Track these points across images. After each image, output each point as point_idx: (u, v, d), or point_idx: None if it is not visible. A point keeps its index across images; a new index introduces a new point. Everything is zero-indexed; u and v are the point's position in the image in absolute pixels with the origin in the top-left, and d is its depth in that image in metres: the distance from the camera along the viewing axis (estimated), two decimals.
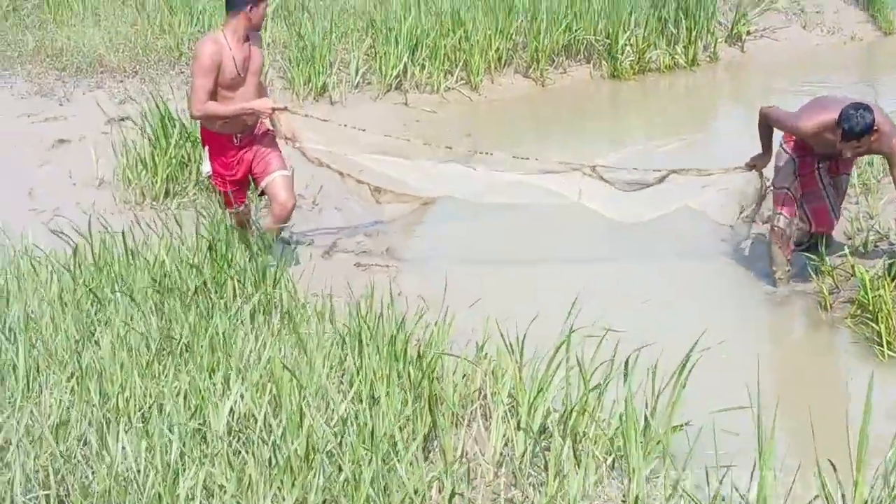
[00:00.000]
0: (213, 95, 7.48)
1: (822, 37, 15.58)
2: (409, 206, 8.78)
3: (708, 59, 14.55)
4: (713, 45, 14.60)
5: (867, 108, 7.05)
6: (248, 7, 7.49)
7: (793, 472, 4.57)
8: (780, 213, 7.69)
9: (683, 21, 14.22)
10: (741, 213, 8.22)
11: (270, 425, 4.80)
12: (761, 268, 8.01)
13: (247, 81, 7.67)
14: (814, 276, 7.68)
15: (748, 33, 15.02)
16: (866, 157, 8.61)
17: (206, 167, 7.88)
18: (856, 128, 6.97)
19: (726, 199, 8.10)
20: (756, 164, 7.99)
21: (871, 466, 4.52)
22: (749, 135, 11.35)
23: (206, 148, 7.86)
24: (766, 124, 7.79)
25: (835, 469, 4.57)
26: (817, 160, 7.65)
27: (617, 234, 8.30)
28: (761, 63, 14.76)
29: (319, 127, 8.23)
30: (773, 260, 7.79)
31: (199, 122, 7.92)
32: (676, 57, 14.20)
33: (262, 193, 7.99)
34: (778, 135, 7.81)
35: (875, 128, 7.00)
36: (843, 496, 4.53)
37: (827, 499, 4.57)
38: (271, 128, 7.93)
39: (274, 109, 7.82)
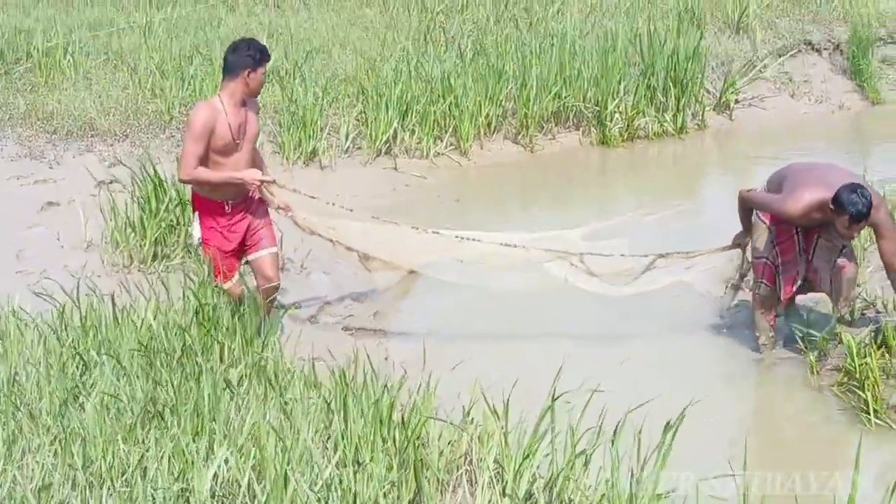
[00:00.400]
0: (205, 160, 7.30)
1: (809, 105, 15.64)
2: (397, 274, 8.72)
3: (696, 126, 14.57)
4: (701, 112, 14.63)
5: (861, 186, 7.04)
6: (247, 72, 7.35)
7: None
8: (762, 282, 7.71)
9: (672, 89, 14.23)
10: (726, 285, 8.25)
11: (254, 490, 4.78)
12: (747, 335, 8.02)
13: (241, 148, 7.46)
14: (801, 343, 7.68)
15: (736, 101, 15.04)
16: None
17: (196, 233, 7.65)
18: (864, 210, 6.95)
19: (711, 274, 8.14)
20: (739, 243, 8.00)
21: None
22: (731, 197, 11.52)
23: (196, 214, 7.65)
24: (746, 209, 7.83)
25: None
26: (795, 227, 7.62)
27: (603, 302, 8.26)
28: (749, 131, 14.82)
29: (307, 203, 8.10)
30: (757, 326, 7.83)
31: (189, 185, 7.79)
32: (665, 124, 14.21)
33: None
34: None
35: None
36: None
37: None
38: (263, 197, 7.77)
39: (262, 182, 7.58)
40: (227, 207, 7.56)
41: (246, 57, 7.36)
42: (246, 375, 6.21)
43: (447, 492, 5.18)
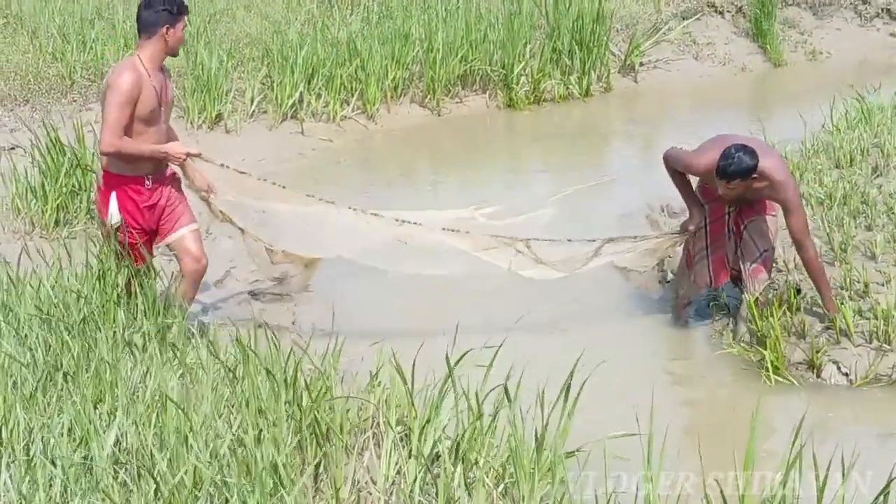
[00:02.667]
0: (127, 130, 6.68)
1: (713, 67, 15.78)
2: (296, 267, 8.16)
3: (602, 89, 14.65)
4: (606, 75, 14.70)
5: (751, 151, 6.96)
6: (166, 28, 6.73)
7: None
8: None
9: (577, 52, 14.29)
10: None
11: (155, 457, 4.73)
12: (660, 304, 8.09)
13: (163, 116, 6.95)
14: (710, 309, 7.79)
15: (641, 64, 15.14)
16: None
17: (116, 216, 6.89)
18: (728, 168, 6.92)
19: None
20: (689, 228, 7.70)
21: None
22: (643, 166, 11.59)
23: (113, 194, 6.89)
24: (674, 170, 7.63)
25: (721, 491, 4.62)
26: (726, 206, 7.58)
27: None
28: (654, 93, 14.93)
29: (231, 178, 7.47)
30: (680, 294, 7.87)
31: (101, 162, 7.00)
32: (571, 87, 14.27)
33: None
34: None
35: (756, 174, 6.95)
36: None
37: None
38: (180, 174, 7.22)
39: (188, 155, 7.02)
40: (147, 183, 6.92)
41: (163, 11, 6.72)
42: (149, 340, 6.12)
43: (353, 455, 5.16)
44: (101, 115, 6.85)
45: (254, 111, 12.29)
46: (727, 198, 7.29)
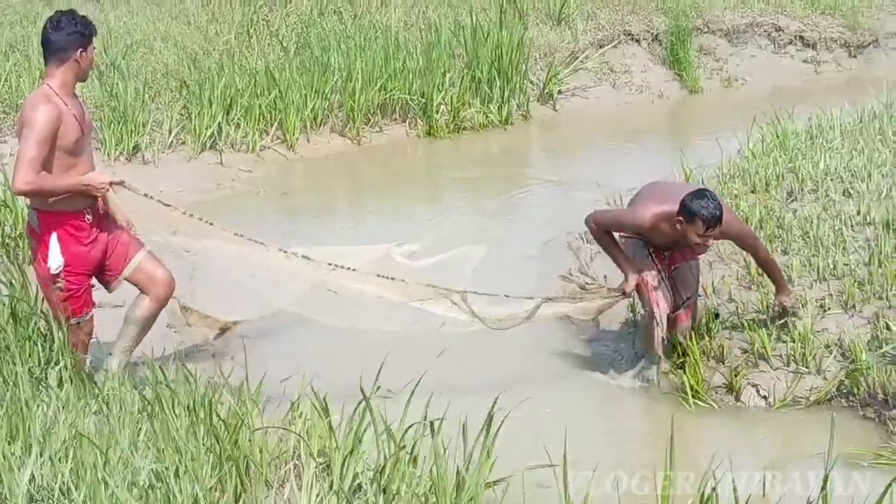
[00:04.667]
0: (48, 165, 6.17)
1: (630, 95, 15.93)
2: (211, 330, 7.72)
3: (521, 117, 14.73)
4: (526, 103, 14.79)
5: (709, 192, 6.86)
6: (79, 51, 6.27)
7: None
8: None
9: (497, 80, 14.36)
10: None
11: (72, 494, 4.67)
12: (584, 340, 8.13)
13: (87, 144, 6.44)
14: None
15: (559, 92, 15.24)
16: None
17: (57, 260, 6.32)
18: (717, 211, 6.62)
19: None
20: (625, 290, 7.37)
21: None
22: (561, 193, 11.65)
23: (54, 235, 6.32)
24: (604, 232, 7.29)
25: None
26: (663, 253, 7.37)
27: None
28: (573, 120, 15.03)
29: (154, 210, 6.81)
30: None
31: (33, 203, 6.45)
32: (490, 115, 14.34)
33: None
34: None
35: None
36: None
37: None
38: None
39: (111, 183, 6.41)
40: (87, 217, 6.41)
41: (74, 34, 6.24)
42: (66, 378, 6.03)
43: (273, 488, 5.13)
44: (17, 152, 6.27)
45: (172, 142, 12.18)
46: (699, 250, 7.03)
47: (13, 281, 7.22)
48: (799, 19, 17.66)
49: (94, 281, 6.69)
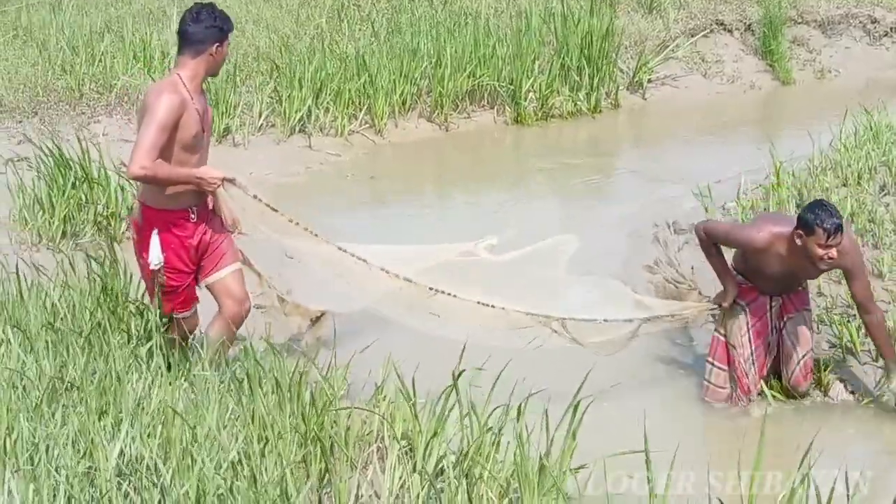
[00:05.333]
0: (167, 158, 6.03)
1: (721, 85, 15.74)
2: (304, 320, 7.68)
3: (610, 105, 14.59)
4: (615, 92, 14.66)
5: (827, 202, 6.72)
6: (215, 46, 6.14)
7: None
8: (713, 363, 7.22)
9: (586, 68, 14.25)
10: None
11: (159, 469, 4.74)
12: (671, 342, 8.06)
13: (205, 143, 6.32)
14: None
15: (649, 81, 15.09)
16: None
17: (157, 257, 6.19)
18: (838, 220, 6.41)
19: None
20: (721, 303, 7.16)
21: None
22: (649, 183, 11.58)
23: (155, 232, 6.20)
24: (712, 244, 7.10)
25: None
26: (769, 300, 7.11)
27: None
28: (662, 110, 14.90)
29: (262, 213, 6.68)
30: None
31: (140, 197, 6.35)
32: (579, 103, 14.22)
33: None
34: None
35: None
36: None
37: None
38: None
39: (224, 180, 6.29)
40: (192, 216, 6.27)
41: (213, 28, 6.12)
42: (155, 353, 6.12)
43: (357, 469, 5.17)
44: (136, 138, 6.11)
45: (262, 125, 12.26)
46: (819, 267, 6.70)
47: (105, 258, 7.30)
48: None
49: None
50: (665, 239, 9.44)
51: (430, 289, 6.90)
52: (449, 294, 6.91)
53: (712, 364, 7.18)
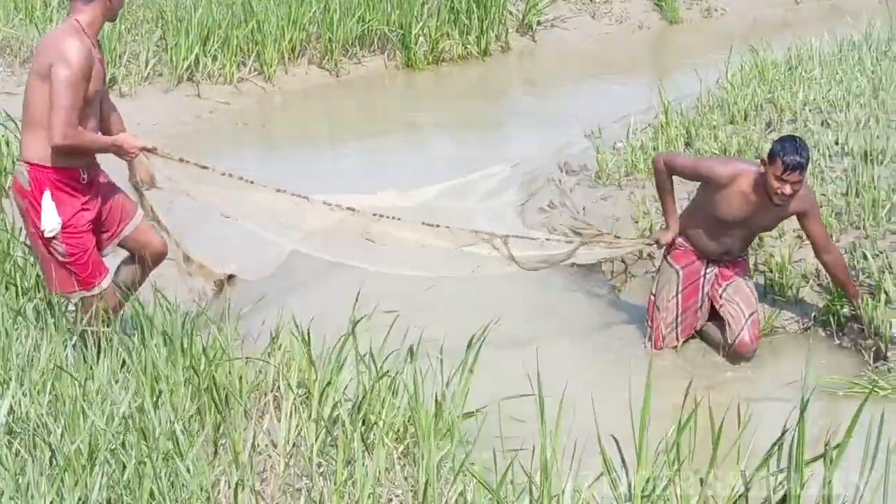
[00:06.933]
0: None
1: (610, 25, 15.86)
2: (207, 282, 7.42)
3: (500, 48, 14.64)
4: (505, 34, 14.70)
5: (800, 139, 6.56)
6: None
7: (578, 452, 4.62)
8: (649, 326, 7.22)
9: (475, 11, 14.29)
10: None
11: (49, 426, 4.69)
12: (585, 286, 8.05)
13: (101, 94, 5.92)
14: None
15: (539, 23, 15.15)
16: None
17: (53, 220, 5.73)
18: (799, 156, 6.33)
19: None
20: (659, 240, 7.14)
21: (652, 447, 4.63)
22: (541, 126, 11.61)
23: (47, 192, 5.73)
24: (668, 176, 7.00)
25: (619, 447, 4.68)
26: (705, 266, 7.06)
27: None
28: (552, 52, 14.98)
29: (188, 171, 6.49)
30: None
31: (25, 154, 5.82)
32: (469, 47, 14.28)
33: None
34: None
35: None
36: (626, 471, 4.63)
37: (610, 474, 4.67)
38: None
39: (142, 149, 6.10)
40: (83, 177, 5.86)
41: None
42: (43, 310, 6.02)
43: (252, 419, 5.16)
44: (46, 93, 5.61)
45: (149, 74, 12.09)
46: (759, 217, 6.75)
47: None
48: None
49: None
50: (559, 179, 9.48)
51: (374, 214, 6.76)
52: (393, 218, 6.78)
53: (649, 325, 7.19)
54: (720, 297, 7.00)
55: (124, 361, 5.51)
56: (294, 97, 12.80)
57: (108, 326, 5.74)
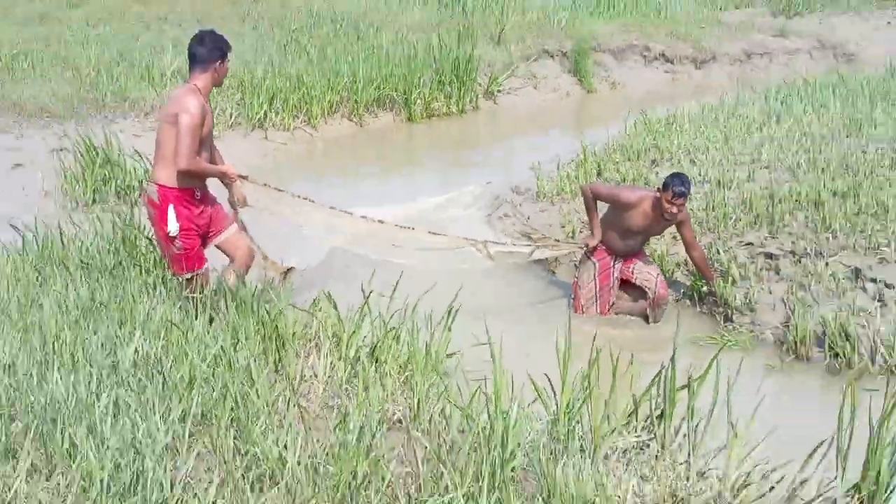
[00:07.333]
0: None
1: (547, 94, 15.79)
2: (274, 273, 6.97)
3: (472, 108, 14.55)
4: (475, 99, 14.62)
5: (685, 176, 6.55)
6: (218, 62, 5.75)
7: (520, 383, 4.61)
8: (572, 301, 7.18)
9: (455, 83, 14.22)
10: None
11: (162, 361, 4.69)
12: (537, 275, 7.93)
13: (210, 136, 5.92)
14: None
15: (498, 91, 15.09)
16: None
17: (174, 225, 5.75)
18: (685, 190, 6.44)
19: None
20: (588, 244, 7.02)
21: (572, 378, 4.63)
22: (500, 160, 11.57)
23: (171, 206, 5.74)
24: (592, 200, 6.91)
25: (549, 379, 4.68)
26: (613, 259, 7.01)
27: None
28: (508, 111, 14.90)
29: (269, 194, 6.42)
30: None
31: (155, 178, 5.77)
32: (451, 107, 14.19)
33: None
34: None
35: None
36: (554, 395, 4.64)
37: (541, 397, 4.68)
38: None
39: (240, 177, 6.09)
40: (197, 195, 5.84)
41: (215, 49, 5.73)
42: (159, 283, 5.99)
43: (301, 358, 5.16)
44: (174, 135, 5.61)
45: (232, 123, 11.97)
46: (652, 229, 6.78)
47: (124, 216, 7.15)
48: (662, 43, 17.56)
49: None
50: (510, 198, 9.49)
51: (397, 225, 6.67)
52: (409, 228, 6.70)
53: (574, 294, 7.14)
54: (633, 273, 6.98)
55: (213, 318, 5.51)
56: (331, 141, 12.71)
57: (201, 294, 5.72)
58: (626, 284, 7.09)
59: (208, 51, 5.72)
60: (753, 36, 18.49)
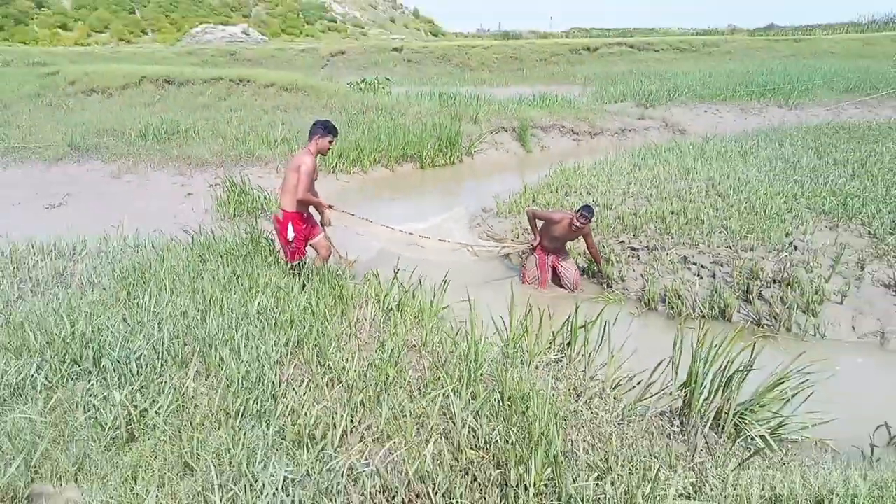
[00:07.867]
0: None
1: (503, 154, 15.68)
2: (344, 264, 6.69)
3: (459, 161, 14.47)
4: (461, 155, 14.54)
5: (590, 207, 6.40)
6: (317, 137, 5.66)
7: (488, 324, 4.61)
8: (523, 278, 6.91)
9: (449, 145, 14.13)
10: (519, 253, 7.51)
11: (274, 311, 4.67)
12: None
13: (315, 181, 5.92)
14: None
15: (475, 151, 15.01)
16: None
17: (292, 234, 5.74)
18: (589, 214, 6.33)
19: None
20: (533, 245, 6.86)
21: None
22: (477, 193, 11.45)
23: (290, 223, 5.75)
24: (532, 218, 6.74)
25: (504, 322, 4.67)
26: (547, 254, 6.77)
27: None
28: (480, 164, 14.77)
29: (344, 216, 6.32)
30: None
31: (283, 205, 5.76)
32: (446, 159, 14.09)
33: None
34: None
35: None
36: (506, 331, 4.63)
37: (498, 332, 4.68)
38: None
39: (330, 206, 6.10)
40: (305, 215, 5.90)
41: (318, 128, 5.69)
42: (275, 265, 5.96)
43: (357, 308, 5.16)
44: (296, 178, 5.61)
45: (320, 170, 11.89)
46: (570, 236, 6.52)
47: (251, 225, 7.14)
48: (571, 122, 17.45)
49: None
50: (481, 215, 9.47)
51: (419, 235, 6.62)
52: (426, 237, 6.65)
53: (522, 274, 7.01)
54: (560, 265, 6.88)
55: (304, 284, 5.50)
56: (375, 181, 12.61)
57: (300, 273, 5.79)
58: (555, 271, 7.02)
59: (314, 129, 5.74)
60: (625, 118, 18.34)
